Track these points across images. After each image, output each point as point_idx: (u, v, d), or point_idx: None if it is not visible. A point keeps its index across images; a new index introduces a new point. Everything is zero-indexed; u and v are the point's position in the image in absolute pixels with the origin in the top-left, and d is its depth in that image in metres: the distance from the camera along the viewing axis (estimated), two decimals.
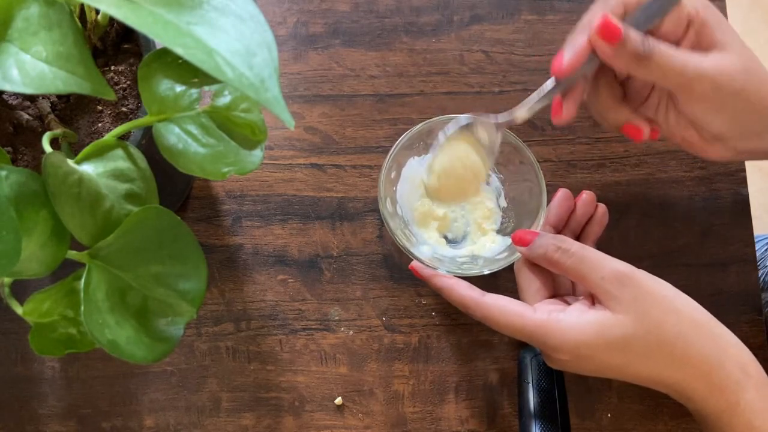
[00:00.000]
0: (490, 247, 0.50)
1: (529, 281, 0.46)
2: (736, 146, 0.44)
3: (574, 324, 0.41)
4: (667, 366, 0.40)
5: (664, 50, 0.40)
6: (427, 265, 0.46)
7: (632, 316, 0.40)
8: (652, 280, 0.42)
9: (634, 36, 0.39)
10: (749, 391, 0.40)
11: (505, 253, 0.48)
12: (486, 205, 0.51)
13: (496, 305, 0.43)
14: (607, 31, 0.39)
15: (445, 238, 0.52)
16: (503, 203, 0.51)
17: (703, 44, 0.42)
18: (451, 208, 0.51)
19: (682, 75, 0.40)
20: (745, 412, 0.39)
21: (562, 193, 0.49)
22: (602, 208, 0.49)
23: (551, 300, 0.45)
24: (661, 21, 0.41)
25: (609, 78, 0.45)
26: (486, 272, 0.46)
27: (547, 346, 0.42)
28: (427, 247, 0.49)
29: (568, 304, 0.44)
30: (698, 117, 0.43)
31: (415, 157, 0.50)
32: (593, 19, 0.41)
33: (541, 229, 0.47)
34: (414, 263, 0.47)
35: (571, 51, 0.41)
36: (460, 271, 0.47)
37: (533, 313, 0.42)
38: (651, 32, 0.41)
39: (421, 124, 0.48)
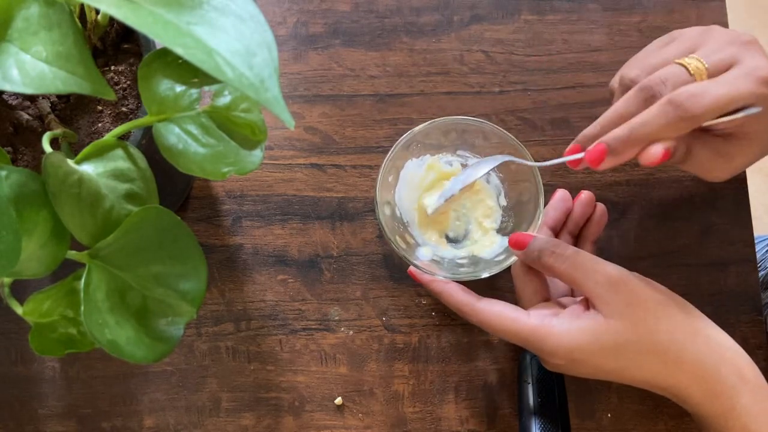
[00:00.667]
0: (489, 248, 0.50)
1: (525, 284, 0.46)
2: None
3: (567, 329, 0.41)
4: (661, 371, 0.40)
5: (697, 154, 0.43)
6: (425, 270, 0.47)
7: (625, 322, 0.40)
8: (646, 285, 0.42)
9: (679, 153, 0.42)
10: (745, 395, 0.40)
11: (504, 255, 0.48)
12: (487, 204, 0.51)
13: (491, 310, 0.43)
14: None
15: (446, 237, 0.52)
16: (503, 202, 0.51)
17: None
18: (452, 207, 0.51)
19: (706, 172, 0.44)
20: (741, 417, 0.39)
21: (559, 194, 0.49)
22: (601, 208, 0.49)
23: (546, 303, 0.45)
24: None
25: None
26: (484, 276, 0.46)
27: (542, 351, 0.42)
28: (426, 249, 0.49)
29: (565, 306, 0.44)
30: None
31: (413, 159, 0.50)
32: (652, 131, 0.40)
33: (539, 231, 0.47)
34: (412, 268, 0.47)
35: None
36: (458, 276, 0.47)
37: (527, 318, 0.42)
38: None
39: (417, 128, 0.48)
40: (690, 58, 0.40)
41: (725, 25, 0.57)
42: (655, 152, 0.39)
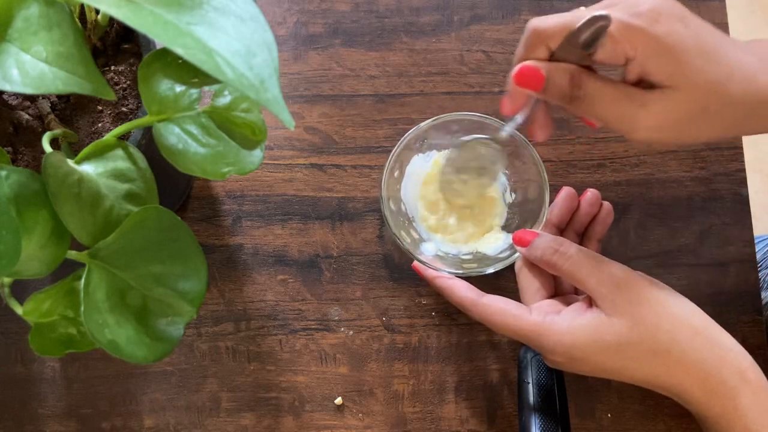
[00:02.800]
0: (494, 244, 0.50)
1: (528, 281, 0.46)
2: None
3: (569, 327, 0.41)
4: (663, 371, 0.40)
5: (594, 91, 0.38)
6: (429, 266, 0.47)
7: (627, 321, 0.40)
8: (649, 284, 0.42)
9: (560, 78, 0.38)
10: (746, 396, 0.39)
11: (508, 251, 0.48)
12: (492, 200, 0.51)
13: (494, 306, 0.43)
14: (527, 80, 0.38)
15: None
16: (509, 198, 0.51)
17: (650, 78, 0.38)
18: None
19: (619, 122, 0.38)
20: (742, 417, 0.39)
21: (565, 192, 0.49)
22: (607, 206, 0.49)
23: (549, 301, 0.45)
24: (593, 50, 0.37)
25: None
26: (488, 272, 0.47)
27: (543, 348, 0.42)
28: (431, 244, 0.49)
29: (568, 304, 0.44)
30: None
31: (419, 155, 0.50)
32: (517, 59, 0.40)
33: (543, 229, 0.47)
34: (416, 263, 0.47)
35: (510, 98, 0.41)
36: (462, 271, 0.47)
37: (529, 315, 0.43)
38: (591, 60, 0.38)
39: (423, 123, 0.48)
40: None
41: (725, 25, 0.57)
42: (517, 70, 0.39)
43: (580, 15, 0.37)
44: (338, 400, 0.51)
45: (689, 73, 0.37)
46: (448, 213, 0.51)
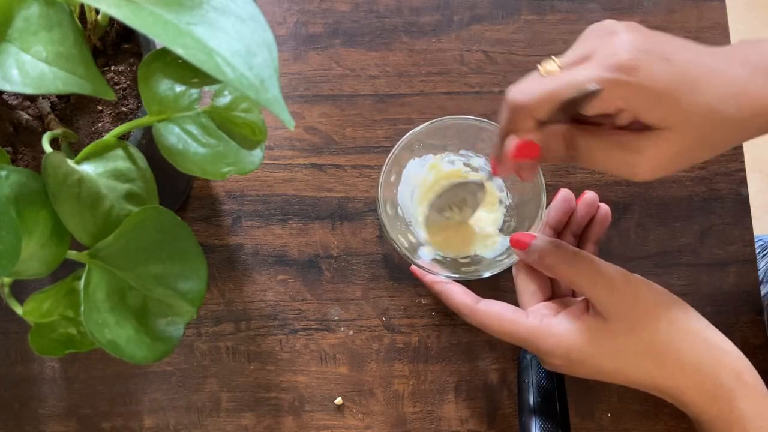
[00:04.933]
0: (491, 247, 0.50)
1: (525, 284, 0.46)
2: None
3: (566, 330, 0.41)
4: (660, 374, 0.40)
5: (591, 153, 0.38)
6: (427, 270, 0.47)
7: (624, 324, 0.40)
8: (647, 287, 0.41)
9: (554, 144, 0.38)
10: (743, 399, 0.39)
11: (505, 255, 0.48)
12: (490, 202, 0.51)
13: (490, 312, 0.44)
14: (524, 153, 0.38)
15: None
16: (506, 201, 0.51)
17: (642, 122, 0.37)
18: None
19: (617, 171, 0.38)
20: (739, 420, 0.39)
21: (562, 194, 0.49)
22: (604, 208, 0.49)
23: (546, 304, 0.45)
24: (582, 109, 0.37)
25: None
26: (486, 275, 0.46)
27: (540, 351, 0.42)
28: (428, 248, 0.50)
29: (565, 306, 0.44)
30: None
31: (416, 158, 0.50)
32: (504, 131, 0.39)
33: (541, 231, 0.47)
34: (414, 266, 0.47)
35: (502, 166, 0.40)
36: (460, 275, 0.47)
37: (526, 319, 0.43)
38: (583, 120, 0.38)
39: (418, 127, 0.48)
40: (547, 61, 0.38)
41: (725, 25, 0.57)
42: (508, 144, 0.38)
43: (561, 81, 0.36)
44: (338, 400, 0.51)
45: (681, 111, 0.36)
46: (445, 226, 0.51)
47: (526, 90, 0.37)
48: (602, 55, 0.36)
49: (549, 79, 0.37)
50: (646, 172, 0.37)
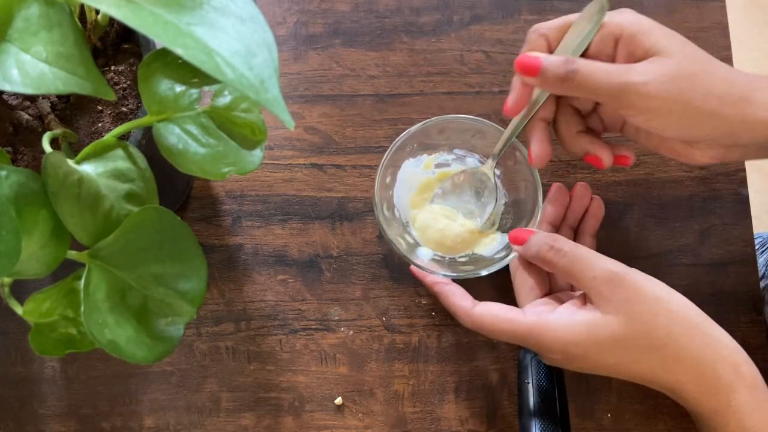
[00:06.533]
0: (489, 245, 0.50)
1: (523, 280, 0.47)
2: (715, 151, 0.43)
3: (564, 324, 0.41)
4: (659, 367, 0.41)
5: (586, 67, 0.40)
6: (426, 269, 0.47)
7: (622, 317, 0.40)
8: (645, 280, 0.42)
9: (554, 61, 0.40)
10: (741, 392, 0.40)
11: (504, 252, 0.48)
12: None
13: (486, 315, 0.44)
14: (525, 67, 0.41)
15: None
16: (503, 199, 0.51)
17: (636, 55, 0.40)
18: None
19: (608, 87, 0.39)
20: (736, 414, 0.40)
21: (556, 189, 0.50)
22: (597, 200, 0.50)
23: (543, 300, 0.45)
24: (589, 43, 0.42)
25: (566, 111, 0.45)
26: (484, 274, 0.47)
27: (540, 347, 0.42)
28: (426, 248, 0.50)
29: (563, 301, 0.44)
30: (647, 126, 0.41)
31: (410, 159, 0.50)
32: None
33: (538, 227, 0.48)
34: (413, 266, 0.48)
35: (513, 92, 0.43)
36: (459, 274, 0.47)
37: (523, 317, 0.43)
38: (584, 55, 0.42)
39: (413, 128, 0.48)
40: None
41: (725, 25, 0.57)
42: (517, 59, 0.42)
43: (574, 15, 0.42)
44: (338, 400, 0.51)
45: (671, 44, 0.40)
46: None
47: (545, 22, 0.44)
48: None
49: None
50: (637, 91, 0.39)
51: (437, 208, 0.50)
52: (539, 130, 0.44)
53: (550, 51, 0.43)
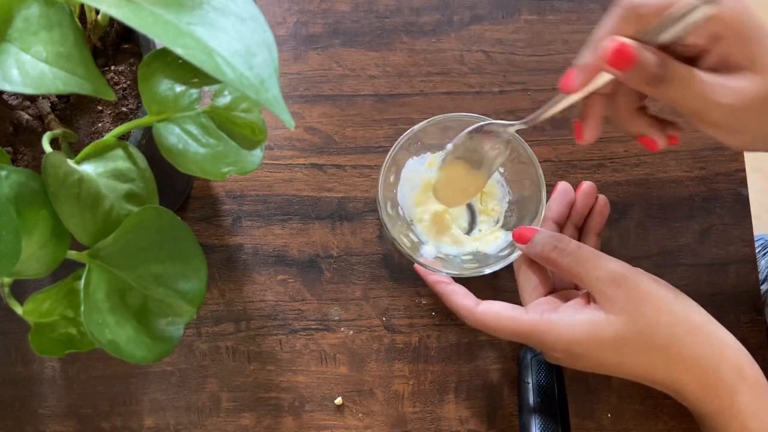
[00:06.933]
0: (493, 243, 0.50)
1: (526, 278, 0.47)
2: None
3: (567, 323, 0.41)
4: (662, 367, 0.40)
5: (683, 75, 0.36)
6: (430, 268, 0.47)
7: (625, 317, 0.40)
8: (649, 280, 0.42)
9: (650, 59, 0.36)
10: (744, 393, 0.40)
11: (508, 250, 0.48)
12: (490, 198, 0.51)
13: (489, 313, 0.44)
14: (620, 59, 0.36)
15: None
16: (507, 196, 0.51)
17: (730, 62, 0.37)
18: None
19: (698, 102, 0.36)
20: (739, 414, 0.39)
21: (561, 187, 0.50)
22: (602, 199, 0.50)
23: (546, 298, 0.45)
24: (686, 34, 0.36)
25: (626, 89, 0.40)
26: (488, 272, 0.47)
27: (542, 345, 0.42)
28: (431, 247, 0.50)
29: (566, 299, 0.44)
30: (720, 139, 0.39)
31: (414, 158, 0.50)
32: (604, 34, 0.37)
33: (542, 225, 0.48)
34: (417, 265, 0.48)
35: (582, 72, 0.38)
36: (462, 272, 0.47)
37: (526, 315, 0.43)
38: (671, 45, 0.37)
39: (417, 126, 0.48)
40: None
41: None
42: (606, 43, 0.36)
43: None
44: (338, 400, 0.51)
45: None
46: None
47: None
48: None
49: None
50: (722, 110, 0.36)
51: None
52: (599, 108, 0.41)
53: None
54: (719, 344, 0.40)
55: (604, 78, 0.38)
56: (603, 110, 0.41)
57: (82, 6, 0.40)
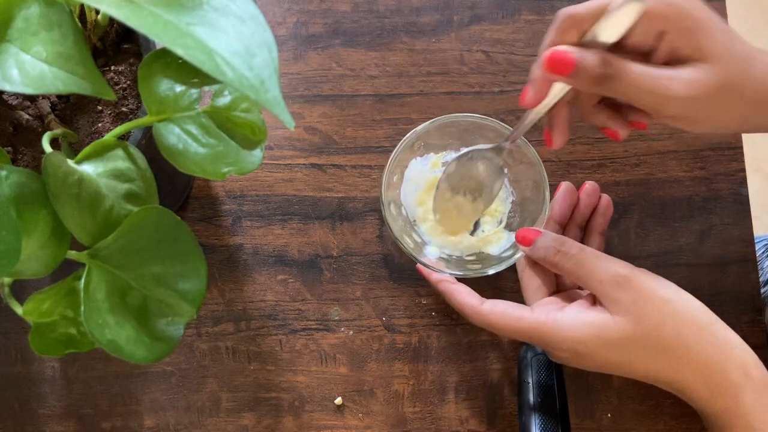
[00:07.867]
0: (497, 244, 0.50)
1: (530, 279, 0.47)
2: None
3: (572, 323, 0.41)
4: (667, 367, 0.41)
5: (626, 70, 0.37)
6: (433, 268, 0.47)
7: (631, 319, 0.40)
8: (653, 281, 0.42)
9: (591, 60, 0.37)
10: (749, 393, 0.40)
11: (511, 251, 0.48)
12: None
13: (494, 312, 0.44)
14: (557, 65, 0.37)
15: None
16: (510, 197, 0.51)
17: (680, 54, 0.37)
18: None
19: (649, 96, 0.37)
20: (745, 415, 0.39)
21: (564, 187, 0.50)
22: (606, 198, 0.50)
23: (551, 298, 0.45)
24: (627, 32, 0.37)
25: None
26: (491, 273, 0.47)
27: (548, 345, 0.42)
28: (434, 247, 0.50)
29: (571, 299, 0.44)
30: (681, 127, 0.40)
31: (418, 158, 0.50)
32: (546, 47, 0.39)
33: (546, 226, 0.48)
34: (420, 265, 0.48)
35: (534, 86, 0.40)
36: (466, 272, 0.47)
37: (531, 315, 0.43)
38: (620, 43, 0.38)
39: (420, 126, 0.48)
40: None
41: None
42: (544, 54, 0.37)
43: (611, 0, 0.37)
44: (338, 400, 0.51)
45: (717, 46, 0.37)
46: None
47: (576, 6, 0.38)
48: None
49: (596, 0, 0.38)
50: (676, 103, 0.37)
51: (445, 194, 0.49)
52: (563, 114, 0.42)
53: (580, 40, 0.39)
54: (725, 344, 0.40)
55: (563, 87, 0.39)
56: (568, 116, 0.42)
57: (82, 6, 0.40)
